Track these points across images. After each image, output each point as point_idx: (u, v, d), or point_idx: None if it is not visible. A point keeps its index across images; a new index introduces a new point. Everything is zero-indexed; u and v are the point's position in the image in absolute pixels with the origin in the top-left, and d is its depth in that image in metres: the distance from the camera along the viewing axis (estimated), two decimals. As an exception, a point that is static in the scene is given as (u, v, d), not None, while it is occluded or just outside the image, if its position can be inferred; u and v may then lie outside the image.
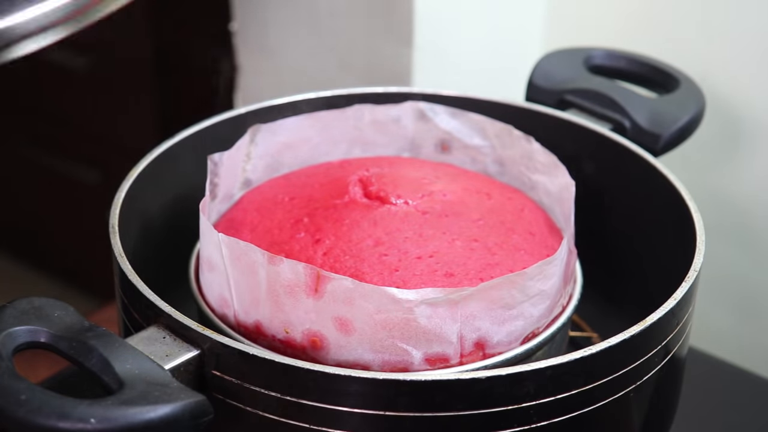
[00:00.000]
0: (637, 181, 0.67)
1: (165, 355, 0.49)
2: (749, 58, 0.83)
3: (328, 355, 0.53)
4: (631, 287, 0.69)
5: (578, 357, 0.49)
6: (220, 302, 0.56)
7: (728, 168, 0.86)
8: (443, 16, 0.87)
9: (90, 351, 0.48)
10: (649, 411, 0.56)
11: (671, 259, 0.62)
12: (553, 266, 0.55)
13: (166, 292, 0.53)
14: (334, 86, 0.72)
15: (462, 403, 0.48)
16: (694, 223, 0.60)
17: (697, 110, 0.72)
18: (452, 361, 0.53)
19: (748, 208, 0.86)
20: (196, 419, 0.46)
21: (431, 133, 0.69)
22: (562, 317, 0.58)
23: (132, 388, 0.46)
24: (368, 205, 0.59)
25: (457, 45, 0.90)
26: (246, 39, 0.99)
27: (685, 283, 0.55)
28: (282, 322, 0.53)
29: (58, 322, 0.49)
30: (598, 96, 0.71)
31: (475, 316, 0.53)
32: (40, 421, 0.43)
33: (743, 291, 0.89)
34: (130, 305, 0.54)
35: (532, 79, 0.74)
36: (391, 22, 0.86)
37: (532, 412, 0.49)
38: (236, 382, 0.49)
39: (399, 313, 0.51)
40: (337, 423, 0.49)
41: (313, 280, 0.51)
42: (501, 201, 0.62)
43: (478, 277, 0.56)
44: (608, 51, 0.77)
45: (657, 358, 0.54)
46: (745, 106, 0.84)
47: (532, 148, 0.65)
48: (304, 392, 0.48)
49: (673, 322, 0.54)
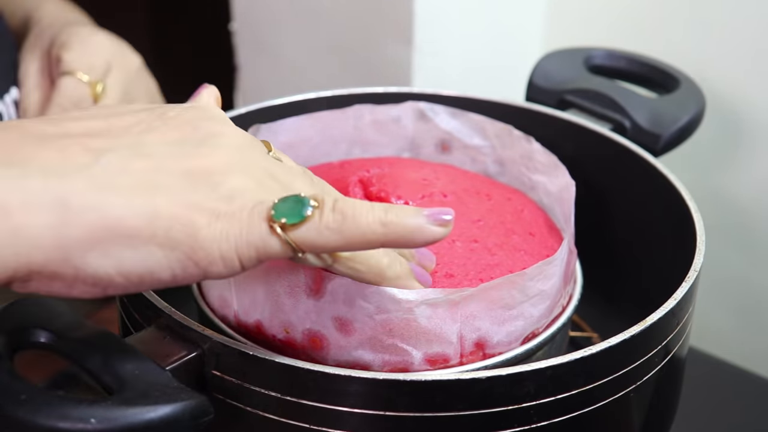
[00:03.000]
0: (637, 181, 0.67)
1: (165, 355, 0.49)
2: (749, 58, 0.83)
3: (328, 355, 0.53)
4: (631, 287, 0.69)
5: (578, 357, 0.49)
6: (220, 302, 0.56)
7: (728, 168, 0.86)
8: (443, 16, 0.87)
9: (90, 351, 0.48)
10: (649, 411, 0.56)
11: (671, 259, 0.62)
12: (553, 266, 0.55)
13: (166, 292, 0.53)
14: (334, 86, 0.72)
15: (462, 403, 0.48)
16: (694, 223, 0.60)
17: (697, 110, 0.72)
18: (452, 361, 0.53)
19: (748, 208, 0.86)
20: (196, 419, 0.46)
21: (431, 133, 0.69)
22: (562, 317, 0.58)
23: (132, 388, 0.46)
24: (368, 205, 0.59)
25: (457, 45, 0.90)
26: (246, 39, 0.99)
27: (685, 283, 0.55)
28: (282, 322, 0.53)
29: (58, 322, 0.49)
30: (598, 96, 0.71)
31: (475, 316, 0.53)
32: (40, 421, 0.43)
33: (743, 291, 0.89)
34: (130, 305, 0.54)
35: (532, 79, 0.74)
36: (391, 22, 0.86)
37: (532, 412, 0.49)
38: (236, 382, 0.49)
39: (399, 313, 0.51)
40: (337, 423, 0.49)
41: (313, 280, 0.51)
42: (501, 202, 0.62)
43: (478, 277, 0.56)
44: (608, 51, 0.77)
45: (657, 359, 0.54)
46: (745, 106, 0.84)
47: (532, 148, 0.65)
48: (304, 392, 0.48)
49: (673, 322, 0.54)
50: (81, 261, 0.43)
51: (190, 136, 0.47)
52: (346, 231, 0.45)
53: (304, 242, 0.45)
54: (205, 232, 0.44)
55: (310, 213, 0.45)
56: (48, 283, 0.44)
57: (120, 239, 0.43)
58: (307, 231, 0.45)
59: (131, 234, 0.43)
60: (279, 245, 0.45)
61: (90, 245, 0.43)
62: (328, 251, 0.47)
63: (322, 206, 0.46)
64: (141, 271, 0.44)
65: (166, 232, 0.43)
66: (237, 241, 0.45)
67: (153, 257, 0.44)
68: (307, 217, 0.45)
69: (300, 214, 0.45)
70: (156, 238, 0.43)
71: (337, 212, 0.45)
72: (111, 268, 0.44)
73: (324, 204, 0.46)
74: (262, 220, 0.45)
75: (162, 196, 0.44)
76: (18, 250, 0.42)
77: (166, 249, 0.44)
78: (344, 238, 0.45)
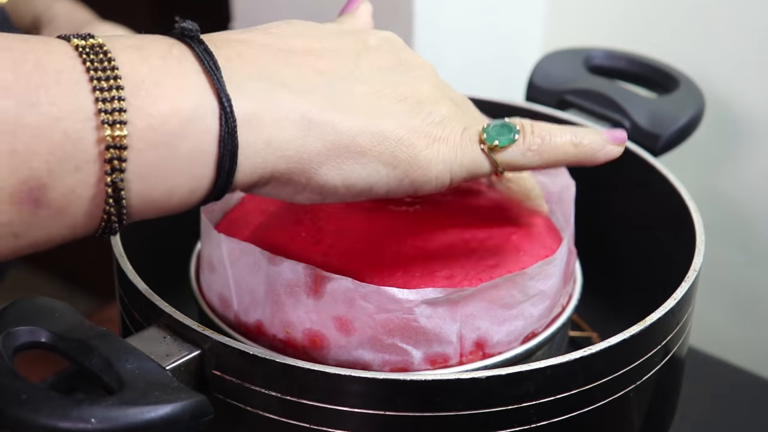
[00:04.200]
0: (637, 181, 0.67)
1: (165, 355, 0.49)
2: (749, 58, 0.83)
3: (329, 355, 0.53)
4: (630, 287, 0.69)
5: (578, 357, 0.49)
6: (220, 302, 0.56)
7: (728, 168, 0.86)
8: (443, 16, 0.87)
9: (90, 351, 0.48)
10: (649, 411, 0.56)
11: (671, 259, 0.62)
12: (553, 266, 0.55)
13: (166, 292, 0.53)
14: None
15: (462, 403, 0.48)
16: (693, 223, 0.60)
17: (697, 110, 0.72)
18: (452, 360, 0.53)
19: (748, 208, 0.86)
20: (196, 419, 0.46)
21: (431, 133, 0.69)
22: (562, 317, 0.58)
23: (132, 388, 0.46)
24: (369, 206, 0.59)
25: (456, 45, 0.90)
26: (246, 39, 0.99)
27: (684, 283, 0.55)
28: (282, 322, 0.53)
29: (58, 322, 0.49)
30: (598, 96, 0.71)
31: (475, 315, 0.53)
32: (40, 421, 0.43)
33: (743, 291, 0.89)
34: (130, 305, 0.54)
35: (532, 79, 0.74)
36: (391, 22, 0.86)
37: (532, 412, 0.49)
38: (236, 382, 0.49)
39: (399, 313, 0.51)
40: (337, 423, 0.49)
41: (313, 280, 0.51)
42: (500, 202, 0.62)
43: (478, 277, 0.56)
44: (608, 51, 0.77)
45: (657, 358, 0.54)
46: (745, 106, 0.84)
47: (532, 148, 0.65)
48: (304, 392, 0.48)
49: (673, 322, 0.54)
50: (315, 171, 0.47)
51: (395, 66, 0.51)
52: (544, 152, 0.51)
53: (510, 163, 0.51)
54: (425, 153, 0.49)
55: (516, 137, 0.51)
56: (281, 188, 0.47)
57: (352, 155, 0.47)
58: (512, 152, 0.51)
59: (362, 151, 0.47)
60: (488, 165, 0.51)
61: (326, 158, 0.47)
62: (528, 169, 0.52)
63: (524, 130, 0.51)
64: (363, 184, 0.48)
65: (391, 152, 0.48)
66: (452, 162, 0.50)
67: (377, 173, 0.48)
68: (514, 140, 0.51)
69: (509, 138, 0.51)
70: (382, 156, 0.48)
71: (536, 135, 0.51)
72: (339, 179, 0.47)
73: (525, 128, 0.51)
74: (474, 143, 0.50)
75: (388, 119, 0.48)
76: (267, 159, 0.46)
77: (390, 167, 0.48)
78: (542, 159, 0.51)
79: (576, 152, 0.52)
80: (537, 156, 0.51)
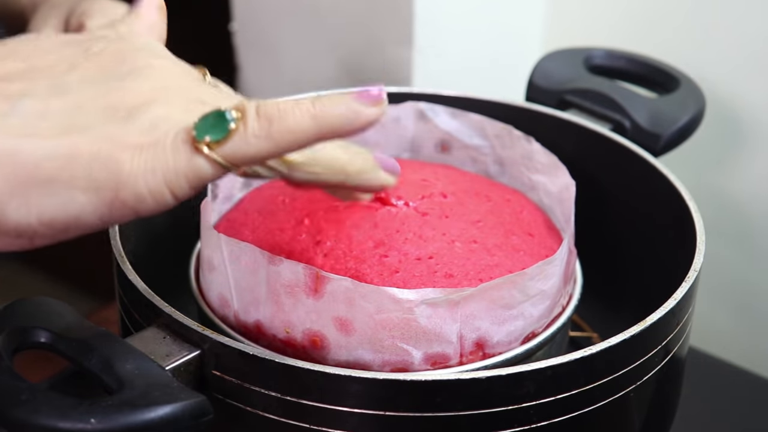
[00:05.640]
0: (637, 181, 0.67)
1: (165, 355, 0.49)
2: (749, 58, 0.83)
3: (329, 355, 0.53)
4: (631, 287, 0.69)
5: (578, 357, 0.49)
6: (220, 302, 0.56)
7: (728, 168, 0.86)
8: (443, 16, 0.87)
9: (90, 351, 0.48)
10: (649, 411, 0.56)
11: (671, 259, 0.62)
12: (553, 266, 0.55)
13: (166, 292, 0.53)
14: (334, 86, 0.72)
15: (462, 403, 0.48)
16: (694, 223, 0.60)
17: (697, 110, 0.72)
18: (452, 361, 0.53)
19: (748, 208, 0.86)
20: (196, 419, 0.46)
21: (431, 133, 0.69)
22: (562, 317, 0.58)
23: (132, 388, 0.46)
24: (369, 206, 0.59)
25: (457, 45, 0.90)
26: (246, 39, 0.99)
27: (685, 283, 0.55)
28: (282, 322, 0.53)
29: (58, 322, 0.49)
30: (598, 96, 0.71)
31: (475, 316, 0.53)
32: (40, 421, 0.43)
33: (743, 291, 0.89)
34: (130, 305, 0.54)
35: (532, 79, 0.74)
36: (391, 22, 0.86)
37: (532, 412, 0.49)
38: (236, 382, 0.49)
39: (399, 313, 0.51)
40: (337, 423, 0.49)
41: (312, 280, 0.51)
42: (500, 203, 0.62)
43: (478, 277, 0.56)
44: (608, 51, 0.77)
45: (657, 358, 0.54)
46: (745, 106, 0.84)
47: (532, 149, 0.65)
48: (304, 392, 0.48)
49: (673, 322, 0.54)
50: (2, 213, 0.41)
51: (114, 71, 0.44)
52: (275, 134, 0.43)
53: (235, 156, 0.43)
54: (129, 167, 0.41)
55: (234, 125, 0.43)
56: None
57: (39, 185, 0.41)
58: (235, 144, 0.43)
59: (50, 179, 0.41)
60: (209, 166, 0.43)
61: (10, 195, 0.41)
62: (263, 159, 0.44)
63: (244, 115, 0.43)
64: (64, 217, 0.42)
65: (86, 173, 0.41)
66: (165, 173, 0.42)
67: (75, 202, 0.41)
68: (231, 130, 0.43)
69: (223, 129, 0.43)
70: (76, 181, 0.41)
71: (262, 118, 0.43)
72: (33, 217, 0.41)
73: (246, 112, 0.43)
74: (185, 143, 0.42)
75: (79, 134, 0.41)
76: None
77: (89, 192, 0.41)
78: (275, 143, 0.43)
79: (317, 125, 0.44)
80: (267, 141, 0.43)
